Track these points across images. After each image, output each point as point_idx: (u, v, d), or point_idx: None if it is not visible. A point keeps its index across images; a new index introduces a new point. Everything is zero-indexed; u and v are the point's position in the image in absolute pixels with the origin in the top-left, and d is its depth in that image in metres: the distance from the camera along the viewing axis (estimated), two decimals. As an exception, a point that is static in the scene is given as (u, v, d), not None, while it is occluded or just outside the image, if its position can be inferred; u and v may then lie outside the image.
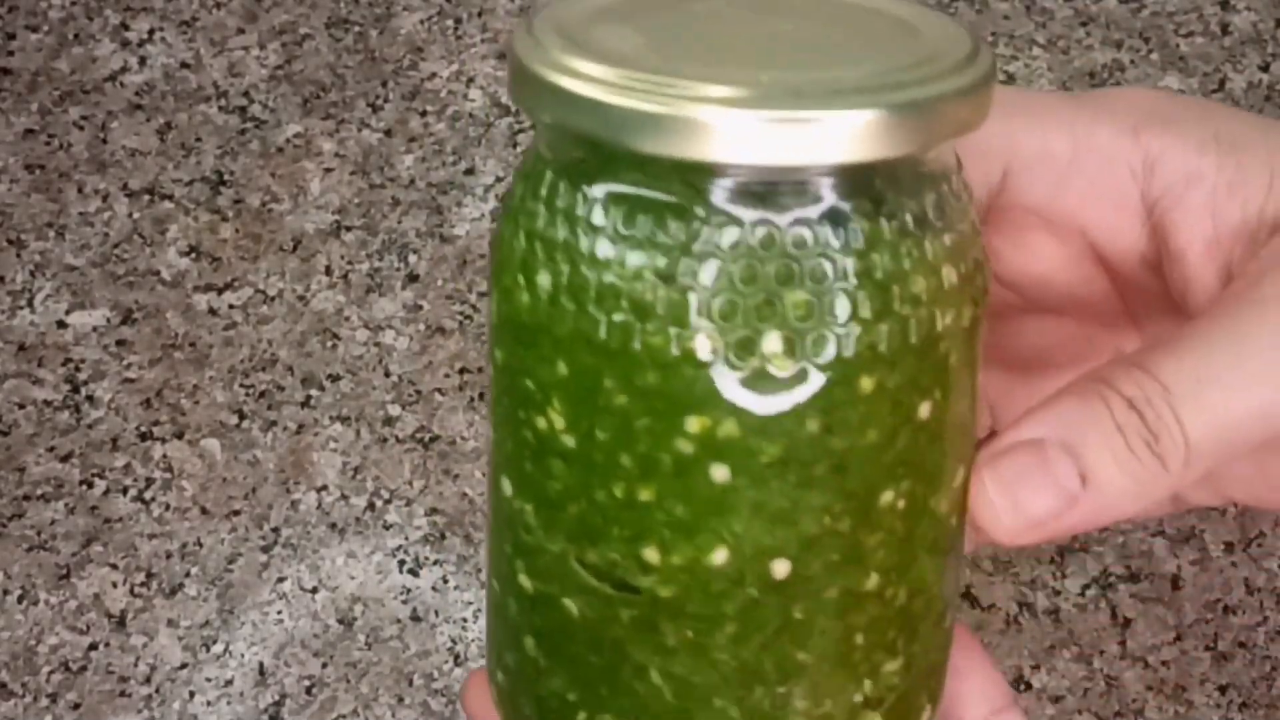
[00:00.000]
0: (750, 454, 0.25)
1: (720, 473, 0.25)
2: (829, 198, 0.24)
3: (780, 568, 0.25)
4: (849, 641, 0.26)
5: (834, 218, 0.24)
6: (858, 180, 0.24)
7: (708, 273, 0.24)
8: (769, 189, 0.24)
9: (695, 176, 0.24)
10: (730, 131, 0.23)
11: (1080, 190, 0.29)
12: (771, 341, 0.24)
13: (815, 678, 0.26)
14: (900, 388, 0.25)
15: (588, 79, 0.24)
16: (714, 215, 0.24)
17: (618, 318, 0.24)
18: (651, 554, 0.25)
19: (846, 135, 0.23)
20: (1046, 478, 0.26)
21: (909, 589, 0.26)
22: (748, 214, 0.24)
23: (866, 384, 0.24)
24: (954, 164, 0.26)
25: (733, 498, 0.25)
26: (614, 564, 0.26)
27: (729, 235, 0.24)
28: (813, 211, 0.24)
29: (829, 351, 0.24)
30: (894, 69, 0.24)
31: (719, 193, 0.24)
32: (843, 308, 0.24)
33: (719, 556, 0.25)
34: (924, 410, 0.25)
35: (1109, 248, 0.30)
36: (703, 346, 0.24)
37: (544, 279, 0.25)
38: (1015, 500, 0.26)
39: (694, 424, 0.25)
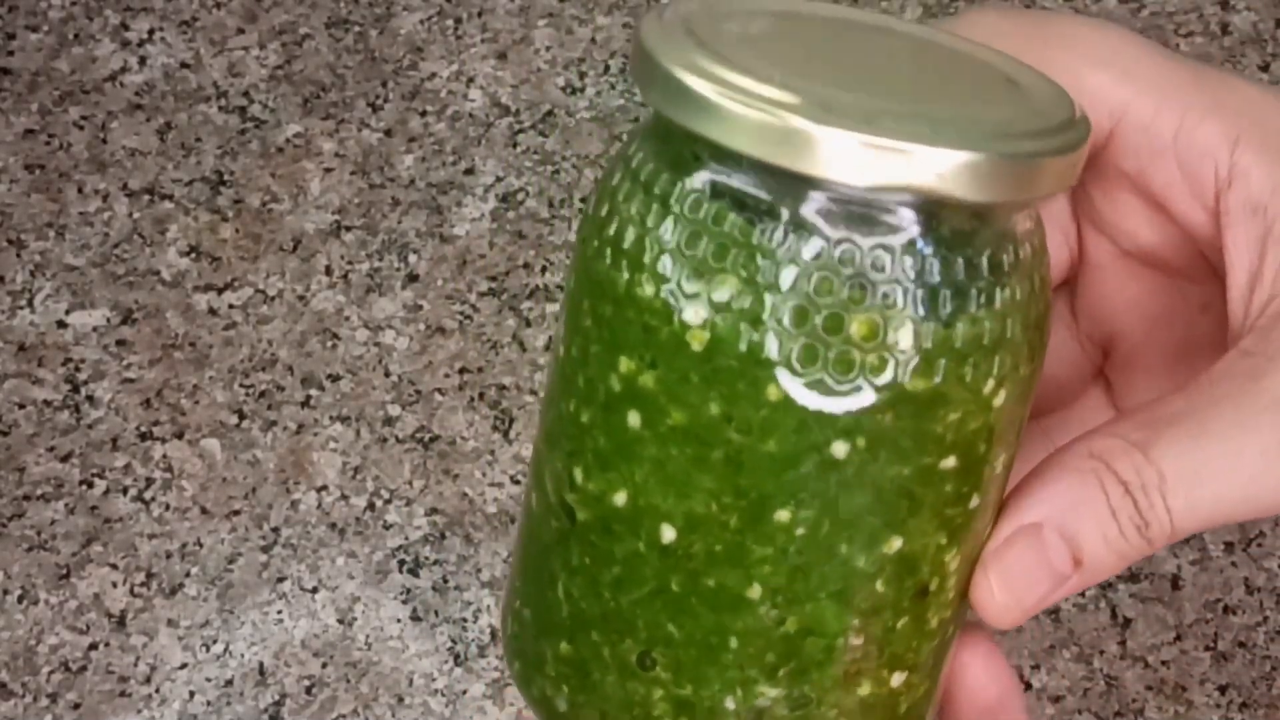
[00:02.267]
0: (660, 411, 0.26)
1: (634, 419, 0.26)
2: (910, 230, 0.25)
3: (667, 533, 0.26)
4: (721, 639, 0.27)
5: (905, 249, 0.25)
6: (942, 218, 0.25)
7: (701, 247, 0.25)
8: (846, 209, 0.25)
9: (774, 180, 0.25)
10: (830, 148, 0.24)
11: (1169, 173, 0.30)
12: (697, 309, 0.25)
13: (681, 656, 0.27)
14: (819, 416, 0.25)
15: (700, 74, 0.25)
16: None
17: (607, 252, 0.27)
18: (579, 473, 0.27)
19: (940, 172, 0.24)
20: (1044, 567, 0.27)
21: (800, 624, 0.27)
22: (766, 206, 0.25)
23: (773, 392, 0.25)
24: (1035, 222, 0.27)
25: (639, 447, 0.26)
26: (558, 474, 0.28)
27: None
28: (882, 239, 0.25)
29: (750, 342, 0.25)
30: (997, 119, 0.25)
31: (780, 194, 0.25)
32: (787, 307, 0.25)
33: (620, 497, 0.27)
34: (839, 451, 0.26)
35: (1188, 230, 0.31)
36: (649, 290, 0.26)
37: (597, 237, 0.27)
38: (1017, 595, 0.27)
39: (624, 364, 0.26)
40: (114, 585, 0.75)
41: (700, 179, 0.26)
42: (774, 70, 0.25)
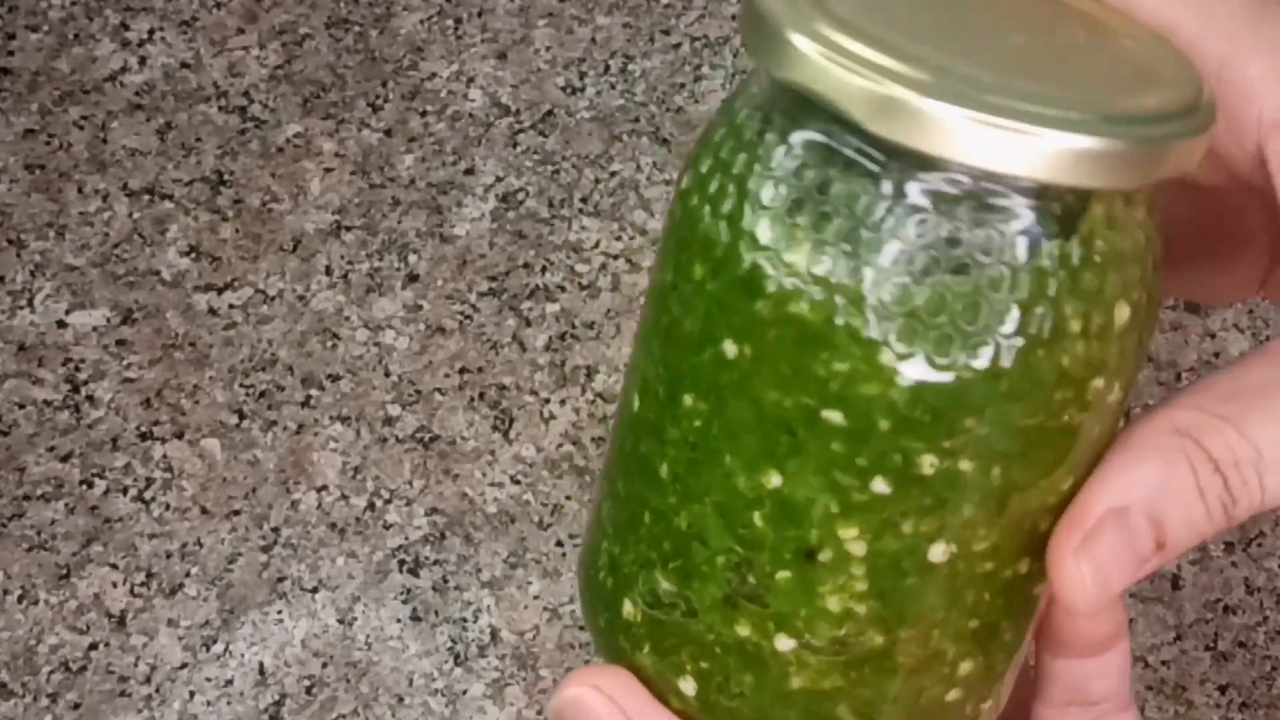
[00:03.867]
0: (654, 276, 0.27)
1: (647, 283, 0.28)
2: (1023, 215, 0.24)
3: (635, 393, 0.28)
4: (639, 509, 0.28)
5: (1022, 233, 0.24)
6: (1055, 202, 0.25)
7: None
8: (962, 190, 0.24)
9: (891, 157, 0.25)
10: (946, 127, 0.23)
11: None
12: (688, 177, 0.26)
13: (619, 517, 0.29)
14: (722, 306, 0.26)
15: (815, 38, 0.24)
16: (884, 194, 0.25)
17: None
18: None
19: (1057, 157, 0.23)
20: (1131, 552, 0.26)
21: (690, 522, 0.27)
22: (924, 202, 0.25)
23: (698, 270, 0.26)
24: (1151, 208, 0.26)
25: (643, 310, 0.28)
26: None
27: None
28: (1000, 222, 0.24)
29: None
30: (1121, 102, 0.24)
31: (906, 177, 0.25)
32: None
33: (629, 356, 0.29)
34: (729, 350, 0.26)
35: (1226, 163, 0.29)
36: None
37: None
38: (1105, 583, 0.27)
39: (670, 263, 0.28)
40: (114, 585, 0.75)
41: (800, 138, 0.25)
42: (888, 32, 0.25)
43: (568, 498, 0.79)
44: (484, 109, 0.94)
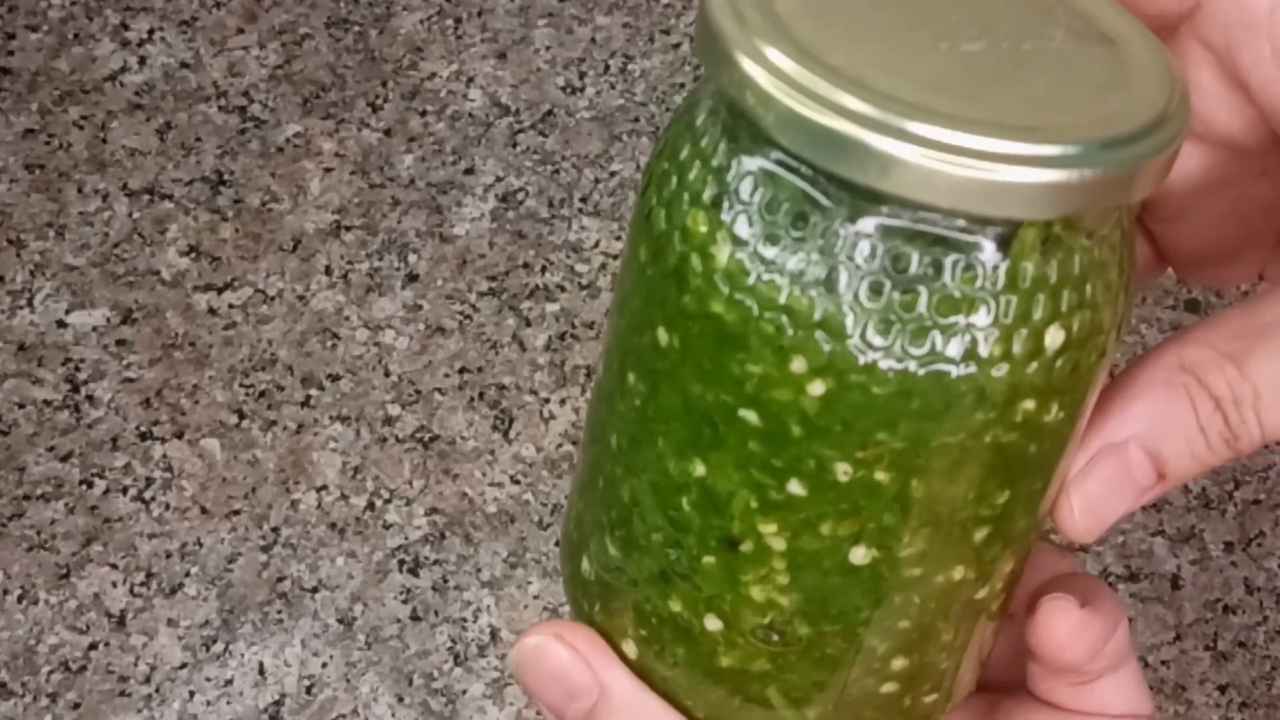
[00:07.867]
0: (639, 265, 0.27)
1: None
2: (948, 237, 0.24)
3: (600, 363, 0.29)
4: (595, 474, 0.29)
5: (941, 254, 0.24)
6: (983, 227, 0.24)
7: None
8: (921, 221, 0.24)
9: (845, 186, 0.24)
10: (901, 167, 0.23)
11: (1258, 50, 0.27)
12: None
13: (582, 479, 0.29)
14: (657, 293, 0.25)
15: (771, 69, 0.23)
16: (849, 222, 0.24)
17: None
18: None
19: (1018, 193, 0.23)
20: (1127, 483, 0.27)
21: (631, 495, 0.27)
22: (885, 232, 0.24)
23: (642, 253, 0.26)
24: (1108, 230, 0.26)
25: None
26: None
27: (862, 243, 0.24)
28: (921, 244, 0.24)
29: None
30: (1057, 126, 0.24)
31: (864, 207, 0.24)
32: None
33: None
34: (661, 337, 0.26)
35: (1270, 111, 0.29)
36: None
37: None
38: (1099, 516, 0.27)
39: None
40: (114, 585, 0.75)
41: (758, 164, 0.25)
42: (847, 55, 0.24)
43: (568, 498, 0.79)
44: (484, 109, 0.94)
